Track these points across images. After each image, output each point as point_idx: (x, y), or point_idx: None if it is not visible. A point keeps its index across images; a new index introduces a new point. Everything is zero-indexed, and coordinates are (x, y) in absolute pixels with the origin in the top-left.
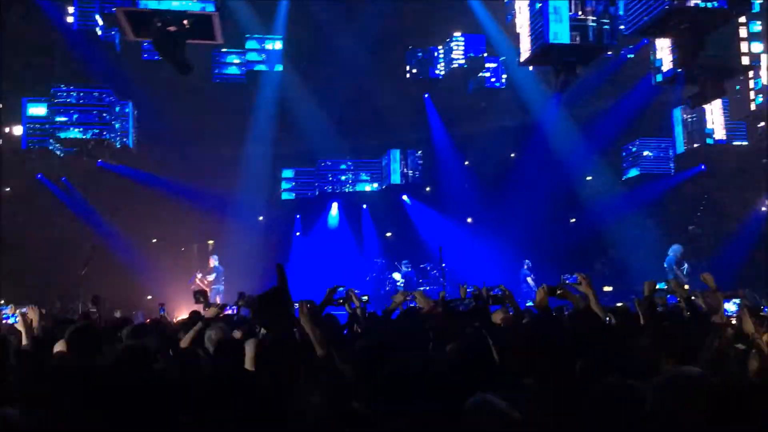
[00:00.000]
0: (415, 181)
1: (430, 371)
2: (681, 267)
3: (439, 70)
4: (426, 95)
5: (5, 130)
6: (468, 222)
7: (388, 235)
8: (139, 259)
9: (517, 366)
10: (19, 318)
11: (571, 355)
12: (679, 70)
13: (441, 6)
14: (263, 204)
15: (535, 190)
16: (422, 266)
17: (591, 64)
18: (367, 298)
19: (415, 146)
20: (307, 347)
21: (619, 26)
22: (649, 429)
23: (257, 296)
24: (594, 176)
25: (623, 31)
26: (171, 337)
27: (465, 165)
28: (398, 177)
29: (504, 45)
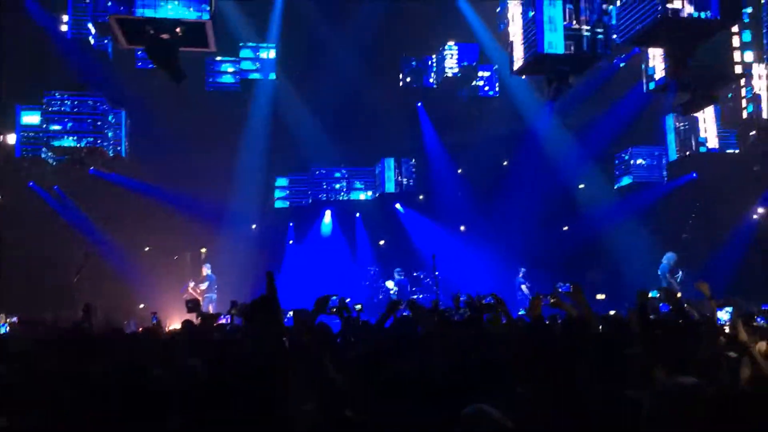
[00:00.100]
0: (409, 190)
1: (424, 380)
2: (675, 275)
3: (433, 78)
4: (419, 104)
5: None
6: (461, 230)
7: (382, 243)
8: (132, 267)
9: (511, 375)
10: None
11: (567, 363)
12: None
13: (435, 15)
14: (257, 212)
15: (528, 199)
16: (415, 274)
17: (584, 73)
18: (361, 306)
19: (409, 154)
20: (298, 355)
21: (613, 35)
22: None
23: (248, 305)
24: (587, 184)
25: (616, 40)
26: (165, 344)
27: (458, 173)
28: (392, 185)
29: (497, 53)
